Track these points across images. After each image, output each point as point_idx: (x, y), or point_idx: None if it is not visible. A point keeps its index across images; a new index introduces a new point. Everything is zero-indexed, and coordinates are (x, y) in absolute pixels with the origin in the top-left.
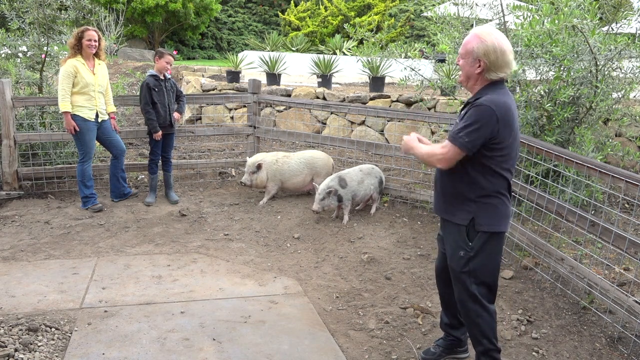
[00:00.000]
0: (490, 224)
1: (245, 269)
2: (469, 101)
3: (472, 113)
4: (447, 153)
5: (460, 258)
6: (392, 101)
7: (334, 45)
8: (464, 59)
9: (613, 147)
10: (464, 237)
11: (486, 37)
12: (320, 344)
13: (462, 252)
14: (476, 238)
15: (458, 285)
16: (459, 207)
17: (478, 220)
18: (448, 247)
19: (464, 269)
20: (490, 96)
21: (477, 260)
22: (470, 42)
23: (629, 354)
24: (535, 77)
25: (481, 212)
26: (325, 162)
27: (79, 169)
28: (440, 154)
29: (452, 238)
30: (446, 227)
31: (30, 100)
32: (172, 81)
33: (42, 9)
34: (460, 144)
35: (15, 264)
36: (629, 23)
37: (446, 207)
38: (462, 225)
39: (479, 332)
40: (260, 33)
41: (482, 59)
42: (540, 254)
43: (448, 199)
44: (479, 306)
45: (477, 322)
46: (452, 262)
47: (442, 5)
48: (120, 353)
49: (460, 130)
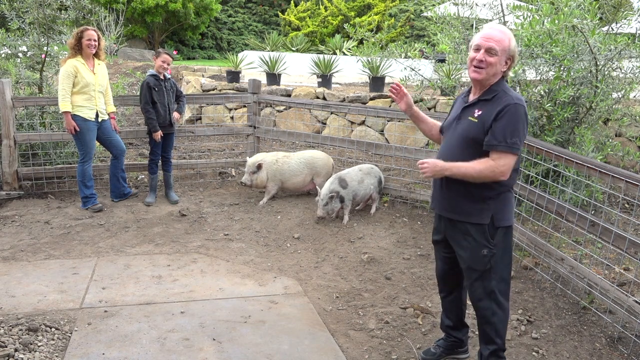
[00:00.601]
0: (508, 219)
1: (245, 269)
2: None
3: (510, 114)
4: (508, 164)
5: (484, 257)
6: (392, 101)
7: (334, 45)
8: (498, 57)
9: (613, 147)
10: (486, 235)
11: (511, 35)
12: (320, 344)
13: (485, 250)
14: (497, 234)
15: (478, 285)
16: (478, 207)
17: (497, 217)
18: (464, 248)
19: (487, 267)
20: (511, 93)
21: (497, 256)
22: (504, 39)
23: (629, 354)
24: (535, 77)
25: (499, 208)
26: (325, 162)
27: (79, 169)
28: (503, 166)
29: (469, 238)
30: (457, 228)
31: (30, 100)
32: (172, 81)
33: (42, 9)
34: (517, 149)
35: (15, 264)
36: (629, 23)
37: (461, 208)
38: (484, 224)
39: (494, 330)
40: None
41: (514, 57)
42: (540, 254)
43: (462, 199)
44: (495, 304)
45: (493, 320)
46: (473, 263)
47: (442, 5)
48: (120, 353)
49: (507, 135)
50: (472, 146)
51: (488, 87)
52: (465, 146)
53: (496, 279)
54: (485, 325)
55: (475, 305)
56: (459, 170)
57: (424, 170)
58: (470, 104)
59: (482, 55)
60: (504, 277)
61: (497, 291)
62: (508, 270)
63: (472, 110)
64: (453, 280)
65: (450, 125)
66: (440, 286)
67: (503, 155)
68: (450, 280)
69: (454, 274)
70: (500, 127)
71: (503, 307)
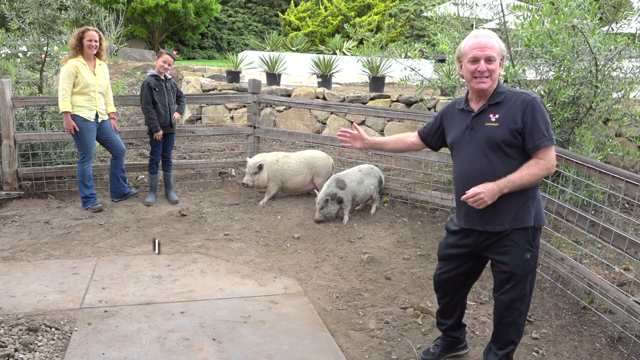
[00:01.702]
0: (543, 217)
1: (245, 269)
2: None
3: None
4: (554, 155)
5: (527, 260)
6: (392, 101)
7: (334, 45)
8: (497, 61)
9: (613, 147)
10: (529, 238)
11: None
12: (320, 344)
13: (528, 254)
14: (536, 235)
15: (516, 288)
16: (521, 211)
17: (537, 217)
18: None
19: (529, 270)
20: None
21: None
22: (494, 44)
23: (629, 354)
24: (535, 77)
25: (538, 207)
26: (326, 162)
27: (79, 169)
28: (550, 164)
29: (513, 245)
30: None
31: (30, 100)
32: (173, 81)
33: (42, 9)
34: (553, 142)
35: (15, 264)
36: (629, 23)
37: (502, 217)
38: (528, 228)
39: (516, 331)
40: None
41: (504, 55)
42: (540, 254)
43: (504, 207)
44: (524, 305)
45: (519, 322)
46: (516, 269)
47: (442, 5)
48: (120, 353)
49: (546, 129)
50: (501, 149)
51: (492, 92)
52: (491, 152)
53: (531, 280)
54: (511, 327)
55: (506, 307)
56: (514, 184)
57: (480, 200)
58: (480, 111)
59: (484, 65)
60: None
61: (529, 293)
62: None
63: (486, 116)
64: (458, 288)
65: (462, 137)
66: (442, 293)
67: (548, 150)
68: (455, 288)
69: (462, 282)
70: (536, 126)
71: (527, 307)
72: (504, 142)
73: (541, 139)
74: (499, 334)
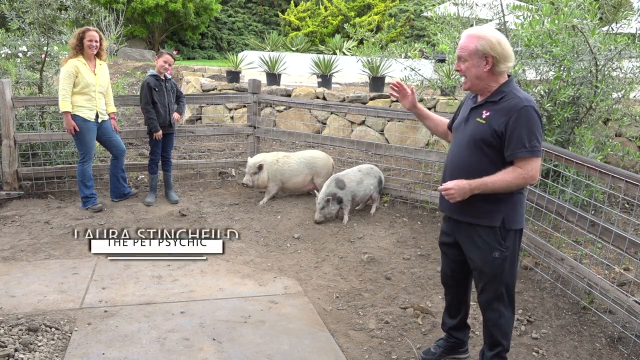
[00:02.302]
0: (519, 221)
1: (245, 269)
2: (491, 100)
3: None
4: (535, 168)
5: (495, 259)
6: (392, 101)
7: (334, 45)
8: (468, 62)
9: (613, 147)
10: (498, 238)
11: (483, 33)
12: (320, 344)
13: (497, 253)
14: (508, 237)
15: (489, 288)
16: (489, 209)
17: (508, 219)
18: (474, 251)
19: (499, 270)
20: (519, 94)
21: (509, 259)
22: (469, 43)
23: (629, 354)
24: (535, 77)
25: (510, 210)
26: (326, 162)
27: (79, 169)
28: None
29: (481, 241)
30: (468, 231)
31: (30, 100)
32: (173, 82)
33: (42, 9)
34: (538, 151)
35: (15, 264)
36: (629, 23)
37: (470, 211)
38: (495, 227)
39: (501, 333)
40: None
41: (489, 53)
42: (540, 254)
43: (474, 202)
44: (503, 306)
45: (501, 322)
46: (484, 266)
47: (442, 5)
48: (120, 353)
49: (529, 140)
50: (480, 147)
51: (494, 89)
52: (473, 147)
53: (505, 282)
54: (493, 328)
55: (484, 307)
56: (486, 187)
57: (450, 196)
58: (478, 105)
59: (457, 65)
60: (513, 281)
61: (506, 294)
62: (515, 275)
63: (480, 111)
64: (459, 282)
65: (460, 126)
66: (445, 288)
67: (526, 161)
68: (456, 282)
69: (462, 276)
70: (516, 134)
71: (510, 309)
72: (483, 141)
73: (519, 149)
74: (485, 335)
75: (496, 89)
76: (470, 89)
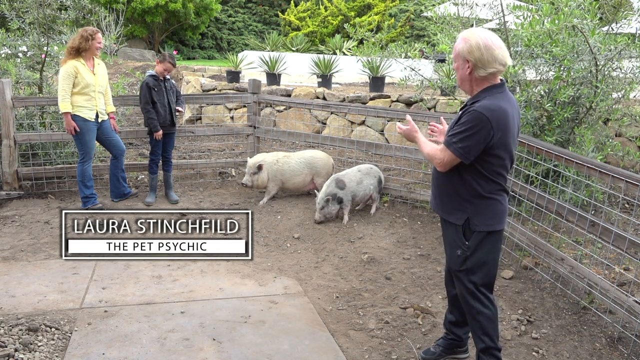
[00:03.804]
0: (486, 224)
1: (245, 269)
2: (466, 104)
3: (465, 119)
4: (444, 158)
5: (458, 257)
6: (392, 101)
7: (334, 45)
8: (456, 62)
9: (613, 147)
10: (460, 236)
11: (470, 36)
12: (320, 344)
13: (459, 250)
14: (472, 237)
15: (458, 283)
16: (455, 207)
17: (473, 221)
18: (447, 245)
19: (462, 267)
20: (485, 101)
21: (474, 259)
22: (457, 45)
23: (629, 354)
24: (535, 77)
25: (476, 212)
26: (326, 162)
27: (79, 169)
28: (439, 159)
29: (450, 237)
30: (444, 226)
31: (30, 100)
32: (172, 82)
33: (42, 9)
34: (454, 149)
35: (15, 264)
36: (629, 23)
37: (443, 206)
38: (459, 225)
39: (480, 329)
40: (260, 33)
41: (468, 57)
42: (540, 254)
43: (444, 198)
44: (479, 304)
45: (478, 319)
46: (450, 261)
47: (442, 5)
48: (120, 353)
49: (454, 136)
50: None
51: (475, 93)
52: None
53: (474, 281)
54: (473, 323)
55: (462, 302)
56: (420, 144)
57: (400, 130)
58: (462, 107)
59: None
60: (485, 281)
61: (478, 292)
62: (490, 275)
63: (460, 114)
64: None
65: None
66: (446, 280)
67: (446, 151)
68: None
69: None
70: (455, 128)
71: (489, 308)
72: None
73: (448, 137)
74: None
75: (476, 92)
76: (460, 87)
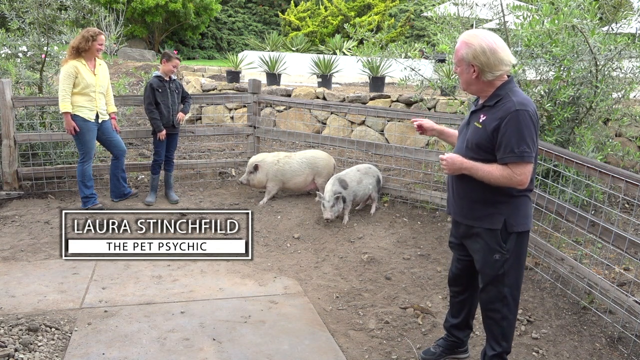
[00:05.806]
0: (522, 223)
1: (245, 269)
2: (488, 104)
3: (514, 123)
4: (524, 173)
5: (496, 261)
6: (392, 101)
7: (334, 45)
8: (459, 67)
9: (613, 147)
10: (498, 240)
11: (472, 40)
12: (320, 344)
13: (497, 255)
14: (509, 239)
15: (491, 289)
16: (489, 212)
17: (510, 222)
18: (477, 252)
19: (500, 272)
20: (515, 97)
21: (510, 262)
22: (459, 49)
23: (629, 354)
24: (535, 77)
25: (512, 213)
26: (327, 162)
27: (79, 169)
28: (520, 177)
29: (482, 243)
30: (471, 232)
31: (30, 100)
32: (178, 82)
33: (42, 9)
34: (529, 157)
35: (15, 264)
36: (629, 23)
37: (473, 213)
38: (496, 230)
39: (501, 334)
40: (260, 33)
41: (473, 63)
42: (540, 254)
43: (473, 205)
44: (507, 308)
45: (502, 324)
46: (485, 268)
47: (442, 5)
48: (120, 353)
49: (518, 145)
50: (477, 152)
51: (490, 93)
52: (471, 151)
53: (509, 284)
54: (494, 328)
55: (486, 307)
56: (476, 172)
57: (443, 165)
58: (477, 109)
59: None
60: (517, 283)
61: (509, 296)
62: (521, 277)
63: (478, 115)
64: (466, 283)
65: (462, 129)
66: (451, 287)
67: (515, 165)
68: (462, 282)
69: (468, 276)
70: (506, 139)
71: (513, 312)
72: (478, 145)
73: (507, 155)
74: (486, 334)
75: (492, 92)
76: (465, 90)
